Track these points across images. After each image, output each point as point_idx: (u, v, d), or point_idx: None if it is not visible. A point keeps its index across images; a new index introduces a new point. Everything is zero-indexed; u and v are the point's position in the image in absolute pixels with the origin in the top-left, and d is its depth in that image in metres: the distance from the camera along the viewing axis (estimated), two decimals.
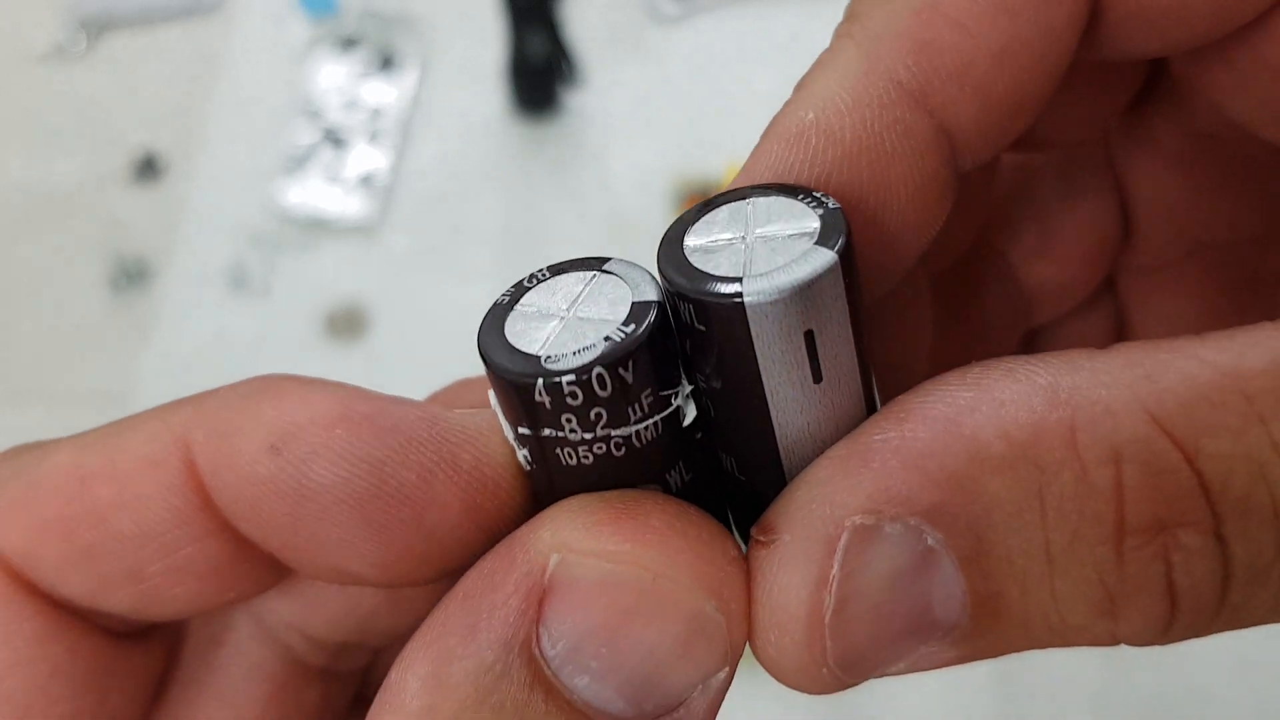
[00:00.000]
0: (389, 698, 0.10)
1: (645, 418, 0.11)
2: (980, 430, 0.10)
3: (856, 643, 0.10)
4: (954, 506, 0.10)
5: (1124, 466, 0.09)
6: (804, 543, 0.10)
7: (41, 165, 0.54)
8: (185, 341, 0.49)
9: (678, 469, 0.11)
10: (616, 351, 0.10)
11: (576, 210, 0.52)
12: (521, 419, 0.11)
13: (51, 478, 0.12)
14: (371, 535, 0.11)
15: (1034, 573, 0.10)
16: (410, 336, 0.49)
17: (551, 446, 0.11)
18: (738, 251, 0.11)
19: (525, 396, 0.10)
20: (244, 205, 0.52)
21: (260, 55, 0.57)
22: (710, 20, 0.58)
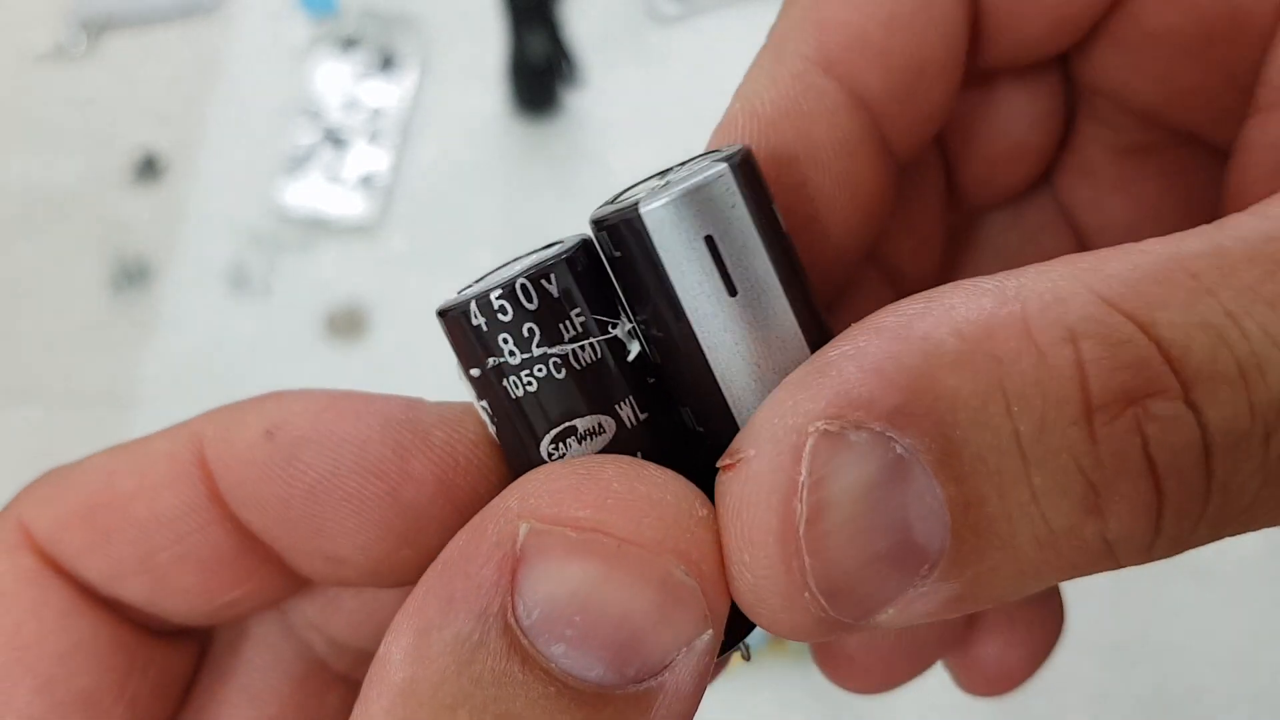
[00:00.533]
0: (377, 669, 0.10)
1: (579, 337, 0.11)
2: (932, 331, 0.10)
3: (836, 561, 0.10)
4: (917, 408, 0.10)
5: (1081, 343, 0.09)
6: (769, 455, 0.10)
7: (42, 165, 0.54)
8: (185, 341, 0.49)
9: (628, 404, 0.11)
10: (538, 267, 0.11)
11: (576, 210, 0.52)
12: (470, 357, 0.11)
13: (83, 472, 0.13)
14: (353, 511, 0.12)
15: (1009, 469, 0.09)
16: (410, 336, 0.49)
17: (499, 379, 0.11)
18: (651, 186, 0.12)
19: (464, 323, 0.11)
20: (244, 205, 0.52)
21: (260, 55, 0.57)
22: (710, 20, 0.58)
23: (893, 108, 0.13)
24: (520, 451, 0.11)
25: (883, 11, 0.13)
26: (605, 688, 0.10)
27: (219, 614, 0.13)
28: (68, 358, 0.48)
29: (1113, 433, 0.09)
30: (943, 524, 0.10)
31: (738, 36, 0.57)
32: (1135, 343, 0.09)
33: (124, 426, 0.46)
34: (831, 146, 0.13)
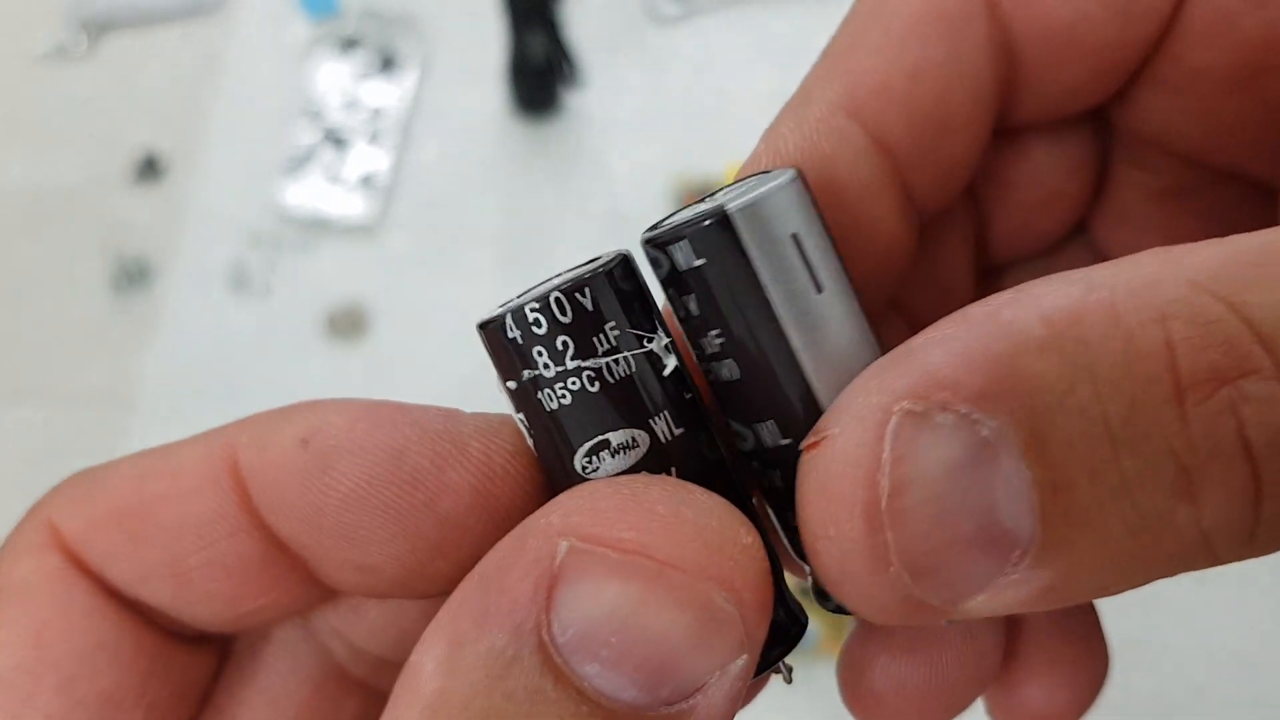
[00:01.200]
0: (407, 679, 0.10)
1: (613, 350, 0.11)
2: (1019, 317, 0.10)
3: (919, 538, 0.10)
4: (1003, 390, 0.09)
5: (1170, 324, 0.09)
6: (853, 432, 0.10)
7: (42, 165, 0.54)
8: (186, 341, 0.49)
9: (664, 419, 0.11)
10: (574, 280, 0.11)
11: (577, 210, 0.52)
12: (507, 369, 0.11)
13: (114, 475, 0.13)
14: (388, 521, 0.12)
15: (1098, 453, 0.09)
16: (411, 336, 0.49)
17: (534, 391, 0.11)
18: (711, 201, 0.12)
19: (500, 335, 0.11)
20: (245, 205, 0.52)
21: (261, 56, 0.57)
22: (710, 20, 0.58)
23: (916, 157, 0.13)
24: (556, 464, 0.11)
25: (909, 62, 0.13)
26: (638, 709, 0.10)
27: (243, 621, 0.13)
28: (68, 358, 0.48)
29: (1204, 413, 0.09)
30: (1030, 508, 0.10)
31: (737, 37, 0.57)
32: (1225, 322, 0.09)
33: (125, 426, 0.46)
34: (853, 189, 0.13)
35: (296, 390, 0.55)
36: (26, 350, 0.49)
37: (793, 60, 0.67)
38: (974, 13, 0.13)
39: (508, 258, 0.51)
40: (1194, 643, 0.42)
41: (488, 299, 0.51)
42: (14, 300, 0.50)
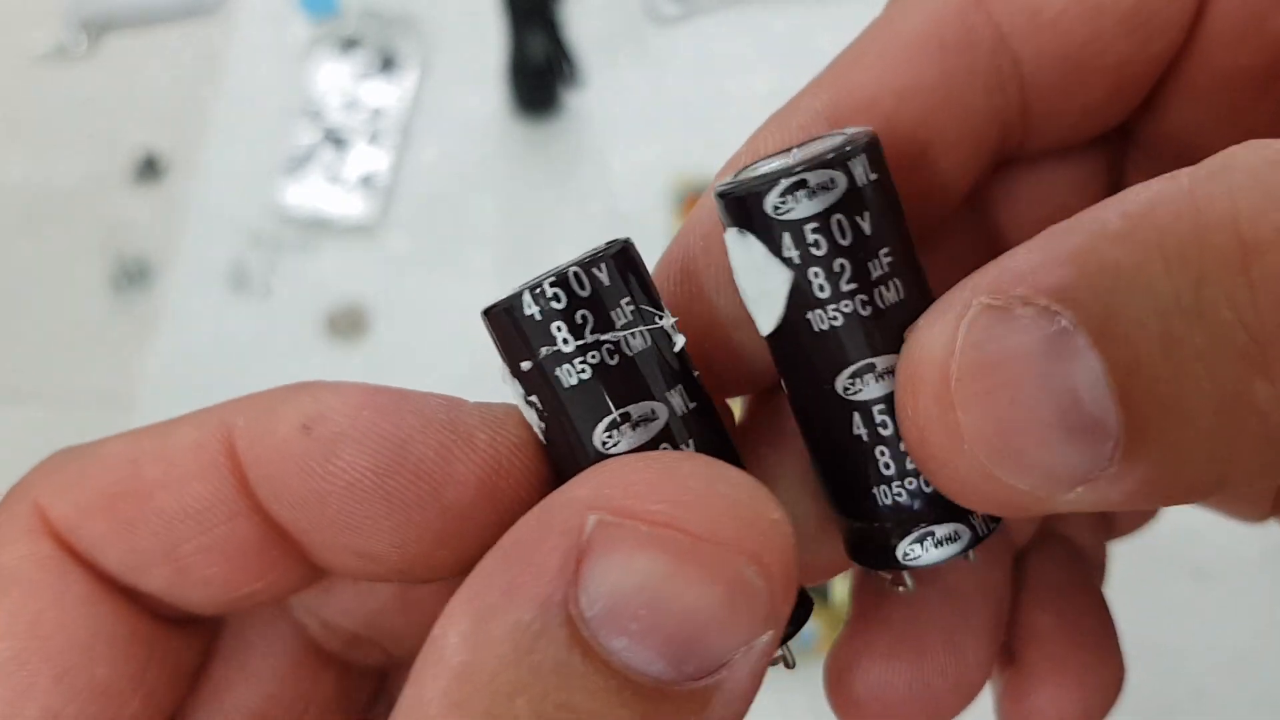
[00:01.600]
0: (432, 652, 0.10)
1: (630, 324, 0.11)
2: (1100, 214, 0.10)
3: (991, 419, 0.10)
4: (1080, 282, 0.10)
5: (1238, 196, 0.09)
6: (933, 322, 0.10)
7: (42, 165, 0.54)
8: (186, 341, 0.49)
9: (679, 393, 0.11)
10: (589, 258, 0.11)
11: (577, 210, 0.52)
12: (522, 349, 0.11)
13: (105, 458, 0.13)
14: (392, 511, 0.12)
15: (1171, 329, 0.09)
16: (411, 336, 0.49)
17: (551, 369, 0.11)
18: (808, 147, 0.12)
19: (516, 315, 0.11)
20: (245, 205, 0.52)
21: (261, 56, 0.57)
22: (710, 21, 0.58)
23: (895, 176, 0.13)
24: (573, 443, 0.11)
25: (899, 82, 0.13)
26: (663, 683, 0.10)
27: (236, 604, 0.13)
28: (68, 357, 0.49)
29: (1269, 275, 0.09)
30: (1109, 394, 0.10)
31: (737, 37, 0.57)
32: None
33: (124, 426, 0.46)
34: None
35: None
36: (26, 350, 0.49)
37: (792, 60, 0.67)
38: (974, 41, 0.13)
39: (507, 257, 0.51)
40: (1194, 642, 0.42)
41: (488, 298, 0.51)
42: (14, 300, 0.50)
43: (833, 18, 0.57)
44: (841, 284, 0.11)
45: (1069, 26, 0.13)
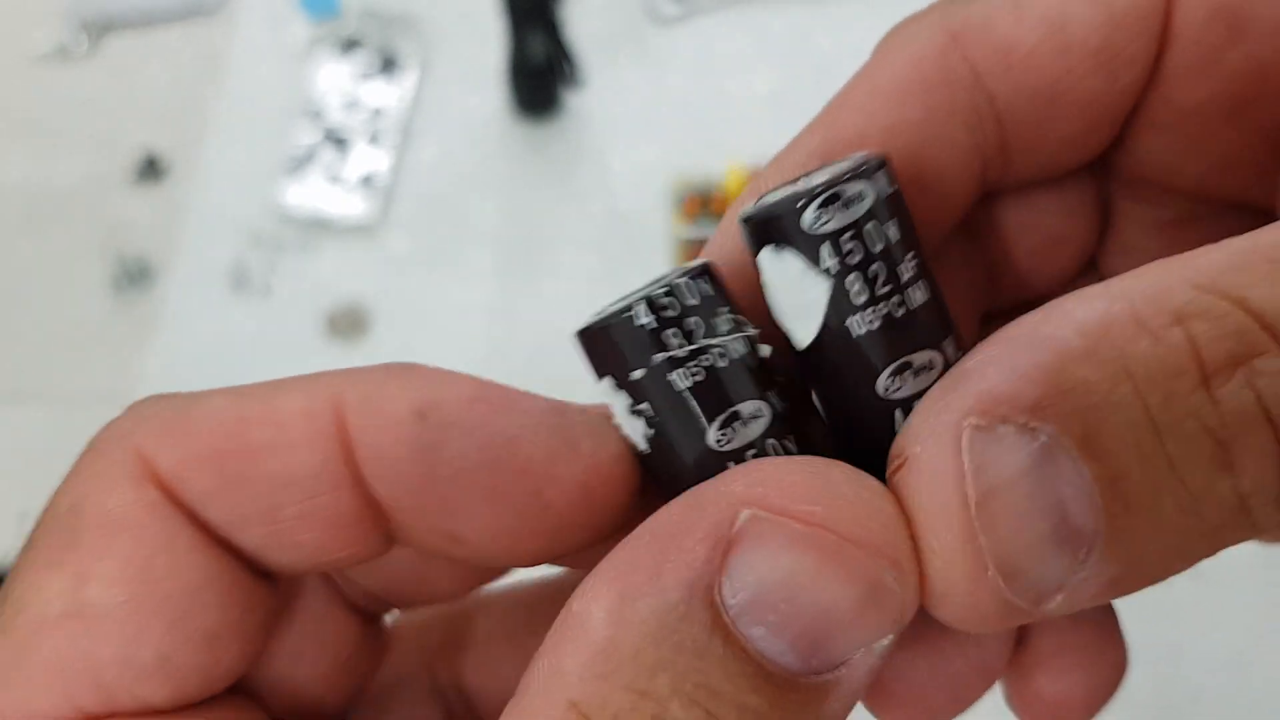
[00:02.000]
0: (572, 626, 0.11)
1: (734, 330, 0.12)
2: (1056, 332, 0.11)
3: (1007, 540, 0.11)
4: (1055, 399, 0.11)
5: (1188, 323, 0.11)
6: (933, 448, 0.11)
7: (43, 166, 0.54)
8: (187, 341, 0.49)
9: (775, 393, 0.12)
10: (693, 269, 0.12)
11: (577, 210, 0.52)
12: (629, 361, 0.12)
13: (211, 415, 0.13)
14: (492, 503, 0.12)
15: (1145, 441, 0.10)
16: (411, 336, 0.49)
17: (664, 374, 0.12)
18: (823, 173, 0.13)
19: (628, 325, 0.12)
20: (245, 205, 0.52)
21: (261, 56, 0.57)
22: (710, 21, 0.58)
23: None
24: (686, 443, 0.12)
25: (887, 121, 0.14)
26: (791, 674, 0.11)
27: (319, 567, 0.14)
28: (70, 357, 0.49)
29: (1229, 392, 0.10)
30: (1094, 502, 0.11)
31: (736, 38, 0.57)
32: (1233, 315, 0.11)
33: None
34: None
35: None
36: (28, 350, 0.49)
37: (791, 61, 0.67)
38: (952, 81, 0.14)
39: (507, 257, 0.51)
40: (1192, 643, 0.42)
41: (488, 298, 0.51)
42: (15, 300, 0.50)
43: (831, 18, 0.57)
44: (877, 288, 0.12)
45: (1039, 64, 0.14)
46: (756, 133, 0.54)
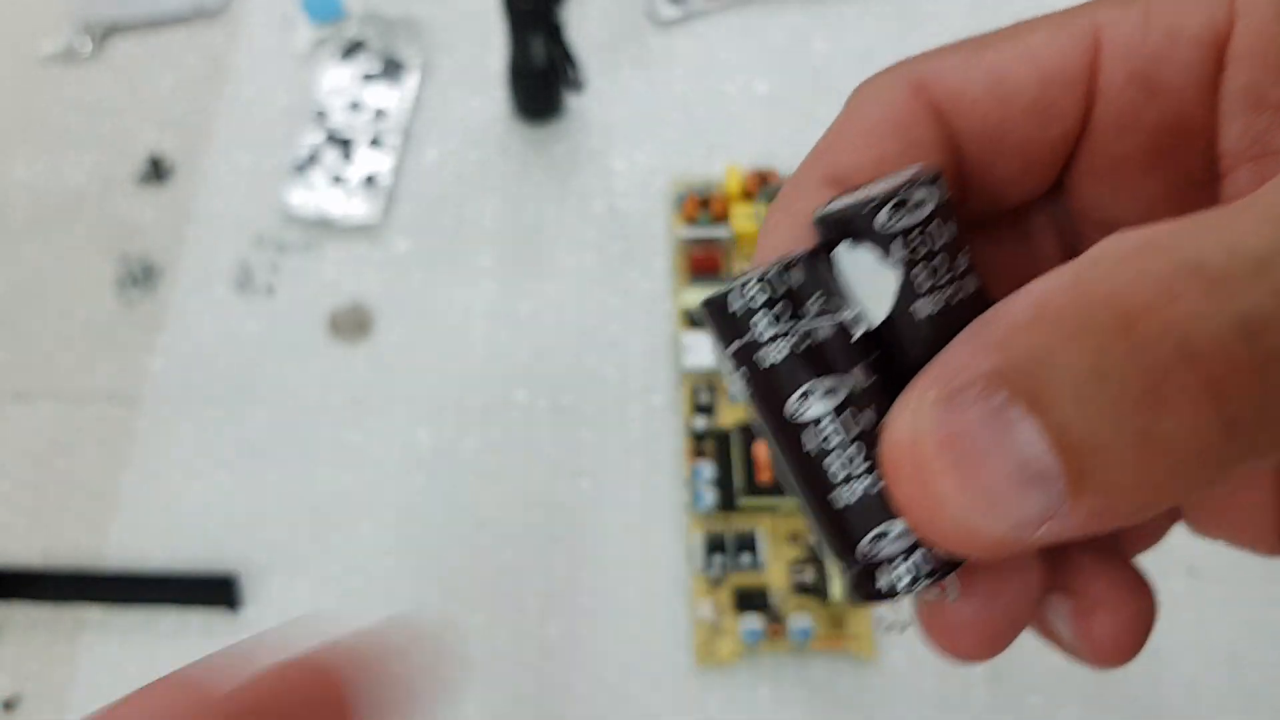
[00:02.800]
0: None
1: (821, 314, 0.14)
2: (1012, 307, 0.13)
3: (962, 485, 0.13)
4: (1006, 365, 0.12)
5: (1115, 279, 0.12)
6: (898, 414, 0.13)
7: (49, 167, 0.54)
8: (192, 341, 0.49)
9: (860, 369, 0.14)
10: (786, 259, 0.14)
11: (577, 211, 0.52)
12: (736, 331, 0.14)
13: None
14: None
15: (1084, 392, 0.12)
16: (414, 335, 0.49)
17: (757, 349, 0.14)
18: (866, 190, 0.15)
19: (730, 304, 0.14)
20: (249, 207, 0.53)
21: (265, 59, 0.58)
22: (709, 25, 0.58)
23: None
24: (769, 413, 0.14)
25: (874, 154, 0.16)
26: None
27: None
28: (76, 357, 0.49)
29: (1150, 336, 0.12)
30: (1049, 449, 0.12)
31: (735, 41, 0.57)
32: (1158, 270, 0.12)
33: (130, 423, 0.47)
34: None
35: (301, 389, 0.55)
36: (35, 349, 0.49)
37: (788, 64, 0.67)
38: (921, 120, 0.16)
39: (510, 257, 0.51)
40: (1188, 641, 0.42)
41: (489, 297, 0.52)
42: (22, 300, 0.51)
43: (826, 23, 0.58)
44: (939, 278, 0.14)
45: (983, 112, 0.16)
46: (753, 135, 0.54)
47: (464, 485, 0.45)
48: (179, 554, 0.44)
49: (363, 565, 0.44)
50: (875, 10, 0.58)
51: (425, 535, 0.44)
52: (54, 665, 0.42)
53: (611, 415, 0.46)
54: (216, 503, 0.45)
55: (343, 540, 0.44)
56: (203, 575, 0.43)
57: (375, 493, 0.45)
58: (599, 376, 0.47)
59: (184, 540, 0.44)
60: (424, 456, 0.46)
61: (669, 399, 0.47)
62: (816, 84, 0.56)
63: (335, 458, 0.46)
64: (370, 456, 0.46)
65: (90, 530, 0.44)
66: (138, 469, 0.45)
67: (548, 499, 0.45)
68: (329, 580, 0.43)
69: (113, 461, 0.46)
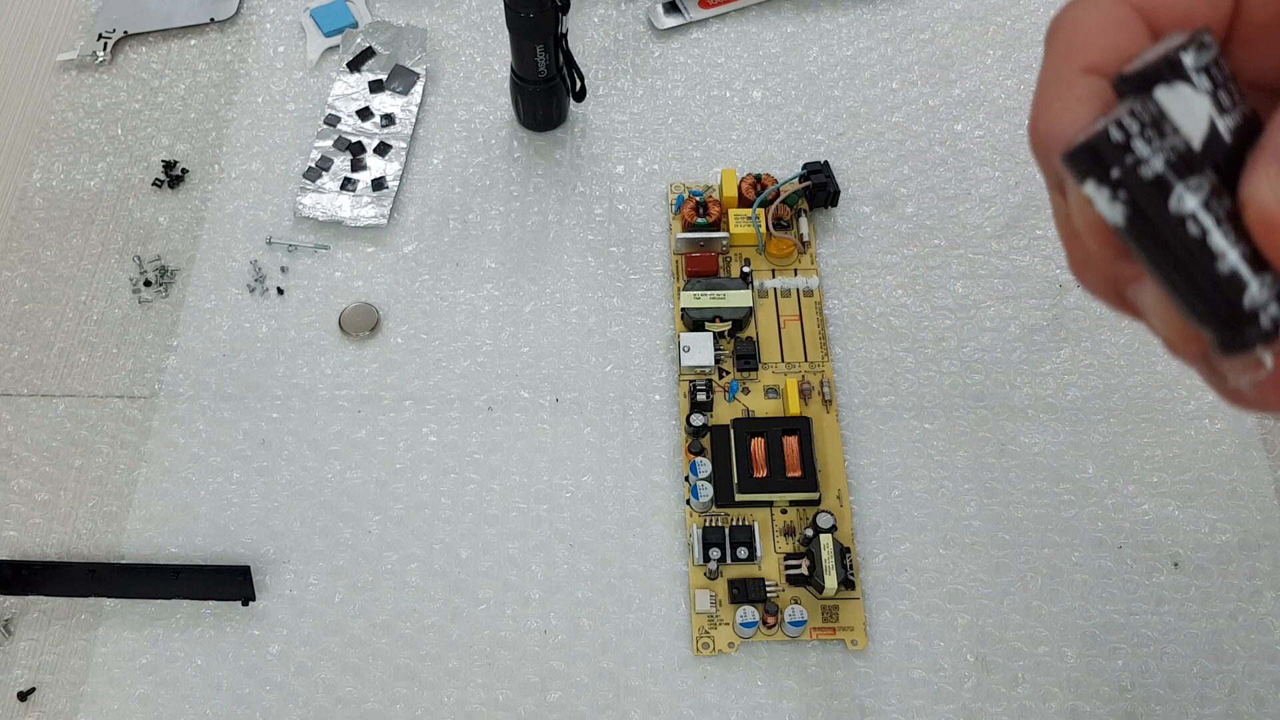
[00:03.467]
0: None
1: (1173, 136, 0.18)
2: None
3: None
4: None
5: None
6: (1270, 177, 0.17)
7: (65, 172, 0.55)
8: (206, 340, 0.50)
9: (1209, 173, 0.18)
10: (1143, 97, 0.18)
11: (579, 215, 0.53)
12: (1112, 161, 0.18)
13: None
14: None
15: None
16: (421, 334, 0.50)
17: (1135, 169, 0.18)
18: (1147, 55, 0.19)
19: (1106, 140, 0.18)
20: (261, 210, 0.54)
21: (276, 67, 0.59)
22: (706, 33, 0.59)
23: None
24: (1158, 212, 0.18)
25: (1129, 34, 0.20)
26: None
27: None
28: (94, 355, 0.50)
29: None
30: None
31: (730, 48, 0.58)
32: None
33: (144, 420, 0.48)
34: None
35: (312, 388, 0.56)
36: (53, 349, 0.50)
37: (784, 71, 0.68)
38: (1131, 14, 0.20)
39: (513, 259, 0.52)
40: (1172, 632, 0.43)
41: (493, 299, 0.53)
42: (41, 301, 0.52)
43: (821, 32, 0.59)
44: (1234, 100, 0.18)
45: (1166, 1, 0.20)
46: (750, 139, 0.56)
47: (469, 480, 0.46)
48: (193, 547, 0.45)
49: (372, 558, 0.45)
50: (868, 20, 0.59)
51: (432, 529, 0.45)
52: (70, 657, 0.43)
53: (612, 412, 0.48)
54: (230, 497, 0.46)
55: (352, 534, 0.45)
56: (217, 568, 0.44)
57: (384, 487, 0.46)
58: (600, 375, 0.48)
59: (198, 534, 0.45)
60: (431, 452, 0.47)
61: (668, 397, 0.48)
62: (811, 91, 0.57)
63: (345, 453, 0.47)
64: (379, 452, 0.47)
65: (107, 524, 0.45)
66: (153, 465, 0.47)
67: (550, 494, 0.46)
68: (339, 572, 0.44)
69: (129, 458, 0.47)
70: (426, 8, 0.60)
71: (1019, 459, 0.46)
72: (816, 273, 0.51)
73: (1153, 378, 0.48)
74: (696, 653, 0.42)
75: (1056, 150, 0.19)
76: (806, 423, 0.45)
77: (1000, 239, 0.52)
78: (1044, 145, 0.20)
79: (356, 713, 0.42)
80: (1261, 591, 0.43)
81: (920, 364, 0.49)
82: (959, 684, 0.42)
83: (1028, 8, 0.59)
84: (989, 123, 0.55)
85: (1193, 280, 0.17)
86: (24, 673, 0.42)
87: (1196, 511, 0.45)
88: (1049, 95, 0.20)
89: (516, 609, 0.44)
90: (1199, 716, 0.41)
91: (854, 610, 0.43)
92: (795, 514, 0.45)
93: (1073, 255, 0.22)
